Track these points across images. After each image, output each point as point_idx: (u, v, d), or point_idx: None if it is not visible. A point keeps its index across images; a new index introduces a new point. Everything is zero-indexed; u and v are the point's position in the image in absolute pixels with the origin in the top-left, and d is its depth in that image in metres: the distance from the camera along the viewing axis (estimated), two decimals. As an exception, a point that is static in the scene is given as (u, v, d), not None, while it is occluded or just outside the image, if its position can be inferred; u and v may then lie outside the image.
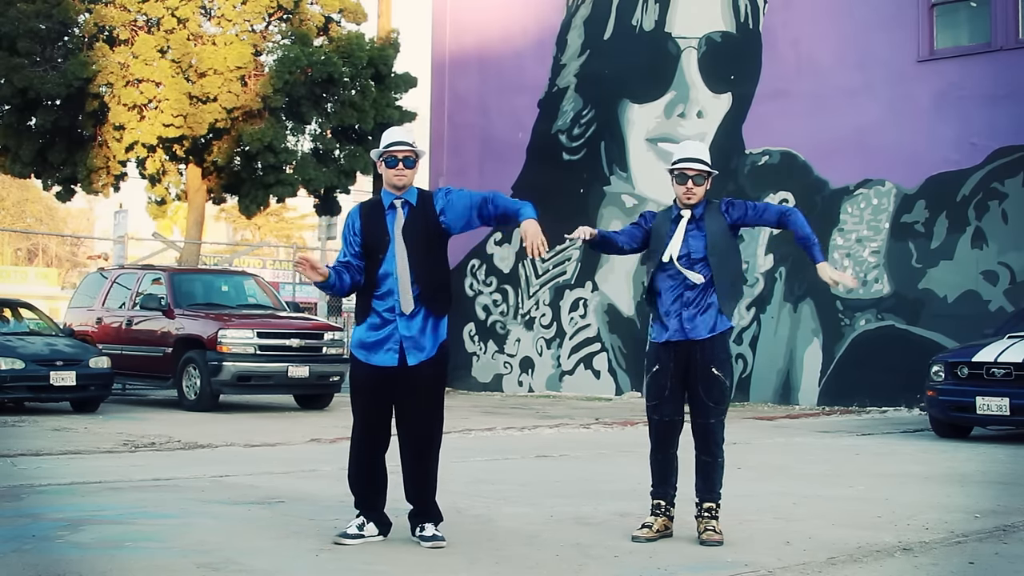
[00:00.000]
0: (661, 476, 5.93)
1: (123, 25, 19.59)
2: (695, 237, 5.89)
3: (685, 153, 5.99)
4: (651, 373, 5.92)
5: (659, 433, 5.90)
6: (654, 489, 5.94)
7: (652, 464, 5.97)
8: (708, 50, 17.91)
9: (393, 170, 5.68)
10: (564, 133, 19.51)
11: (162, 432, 11.49)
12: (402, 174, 5.68)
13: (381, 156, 5.72)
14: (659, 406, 5.88)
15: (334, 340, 15.39)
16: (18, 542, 5.52)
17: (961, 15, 16.21)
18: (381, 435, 5.70)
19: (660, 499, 5.91)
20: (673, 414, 5.88)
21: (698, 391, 5.84)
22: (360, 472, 5.69)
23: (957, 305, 15.25)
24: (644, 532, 5.82)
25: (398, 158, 5.67)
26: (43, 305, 22.82)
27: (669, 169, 6.01)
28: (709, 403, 5.83)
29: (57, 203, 28.70)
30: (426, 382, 5.64)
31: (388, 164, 5.69)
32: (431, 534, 5.61)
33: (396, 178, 5.69)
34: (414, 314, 5.61)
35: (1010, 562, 5.47)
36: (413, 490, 5.69)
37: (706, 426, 5.85)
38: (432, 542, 5.57)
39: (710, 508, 5.83)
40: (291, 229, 60.34)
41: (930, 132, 15.77)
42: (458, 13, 21.21)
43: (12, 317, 15.68)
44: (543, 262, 19.43)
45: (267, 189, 20.80)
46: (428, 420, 5.68)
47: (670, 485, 5.92)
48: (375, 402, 5.67)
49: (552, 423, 13.40)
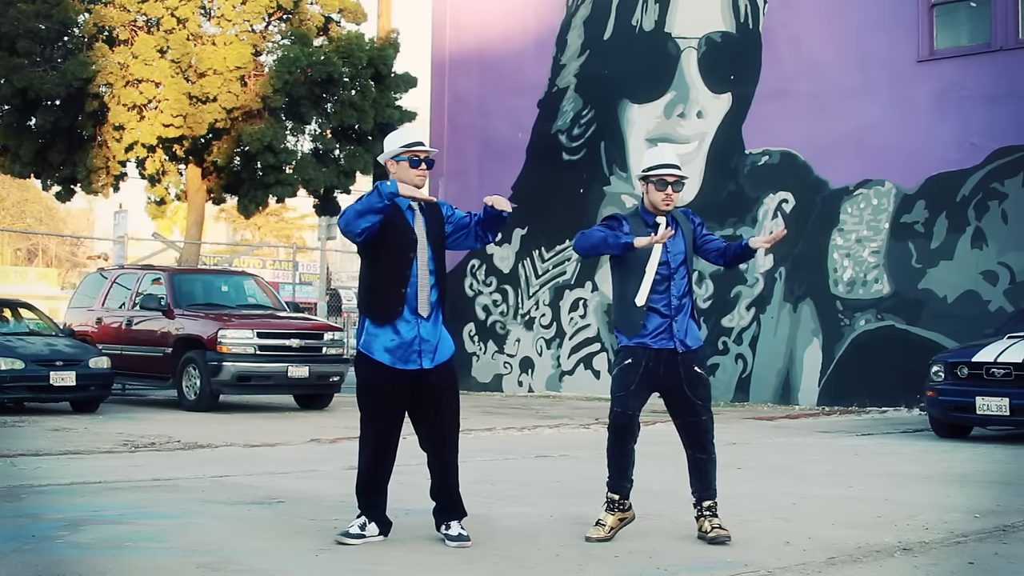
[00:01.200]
0: (619, 469, 5.88)
1: (123, 25, 19.59)
2: (672, 242, 5.90)
3: (663, 159, 5.94)
4: (622, 366, 5.87)
5: (620, 426, 5.86)
6: (612, 482, 5.88)
7: (610, 458, 5.90)
8: (708, 50, 17.90)
9: (417, 170, 5.64)
10: (564, 133, 19.51)
11: (162, 432, 11.49)
12: (424, 174, 5.66)
13: (399, 155, 5.66)
14: (624, 398, 5.84)
15: (334, 340, 15.38)
16: (18, 542, 5.52)
17: (961, 15, 16.21)
18: (395, 438, 5.69)
19: (616, 493, 5.87)
20: (636, 409, 5.86)
21: (684, 391, 5.84)
22: (372, 475, 5.64)
23: (957, 305, 15.25)
24: (598, 531, 5.78)
25: (421, 158, 5.65)
26: (43, 305, 22.80)
27: (644, 176, 5.93)
28: (698, 401, 5.86)
29: (57, 203, 28.69)
30: (445, 381, 5.67)
31: (412, 164, 5.63)
32: (457, 533, 5.61)
33: (419, 178, 5.65)
34: (431, 316, 5.63)
35: (1010, 562, 5.47)
36: (440, 486, 5.68)
37: (698, 424, 5.86)
38: (458, 542, 5.57)
39: (711, 506, 5.83)
40: (291, 229, 60.36)
41: (930, 132, 15.77)
42: (458, 13, 21.21)
43: (12, 317, 15.68)
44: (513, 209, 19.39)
45: (267, 189, 20.80)
46: (450, 418, 5.70)
47: (627, 479, 5.89)
48: (394, 406, 5.62)
49: (552, 423, 13.40)
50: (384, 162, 5.75)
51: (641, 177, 5.98)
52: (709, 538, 5.72)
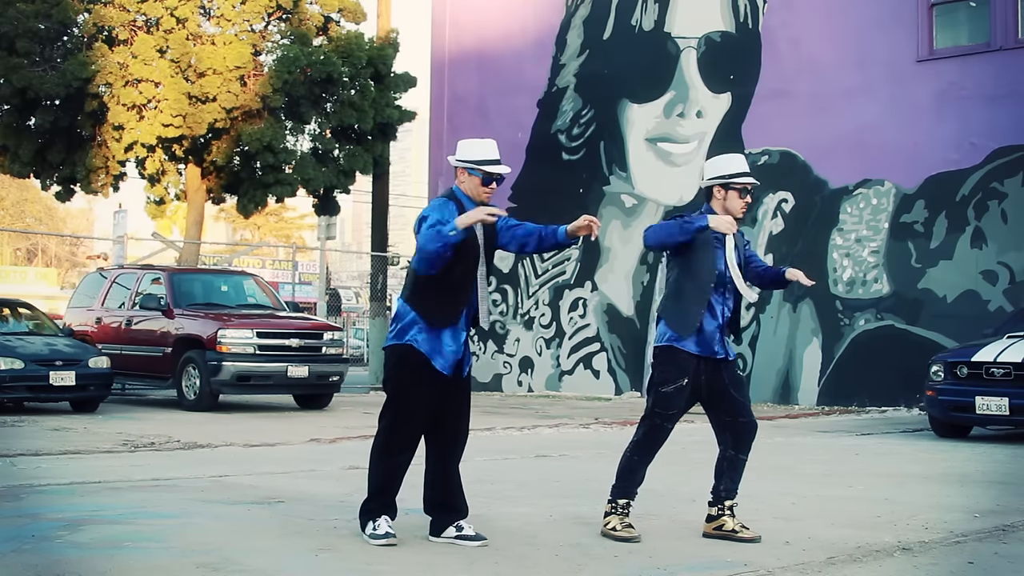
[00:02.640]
0: (638, 478, 5.89)
1: (122, 25, 19.59)
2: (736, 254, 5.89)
3: (741, 167, 5.89)
4: (674, 386, 5.77)
5: (659, 440, 5.88)
6: (627, 488, 5.87)
7: (635, 466, 5.89)
8: (707, 50, 17.91)
9: (487, 188, 5.66)
10: (563, 133, 19.51)
11: (162, 432, 11.49)
12: (492, 193, 5.70)
13: (472, 169, 5.65)
14: (675, 416, 5.84)
15: (334, 340, 15.39)
16: (18, 542, 5.52)
17: (960, 15, 16.22)
18: (418, 439, 5.72)
19: (628, 498, 5.88)
20: (675, 424, 5.90)
21: (732, 395, 5.83)
22: (398, 471, 5.66)
23: (956, 305, 15.26)
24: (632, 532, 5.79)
25: (493, 178, 5.68)
26: (43, 305, 22.79)
27: (726, 183, 5.84)
28: (746, 402, 5.90)
29: (56, 203, 28.72)
30: (467, 389, 5.78)
31: (485, 182, 5.65)
32: (475, 532, 5.66)
33: (486, 195, 5.68)
34: (468, 325, 5.71)
35: (1010, 562, 5.47)
36: (450, 490, 5.73)
37: (750, 424, 5.88)
38: (478, 541, 5.60)
39: (733, 506, 5.89)
40: (290, 229, 60.40)
41: (930, 132, 15.78)
42: (457, 13, 21.21)
43: (12, 317, 15.67)
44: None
45: (266, 189, 20.80)
46: (467, 425, 5.82)
47: (638, 484, 5.92)
48: (431, 406, 5.63)
49: (552, 423, 13.40)
50: (455, 165, 5.74)
51: (722, 184, 5.86)
52: (738, 538, 5.74)
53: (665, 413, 5.81)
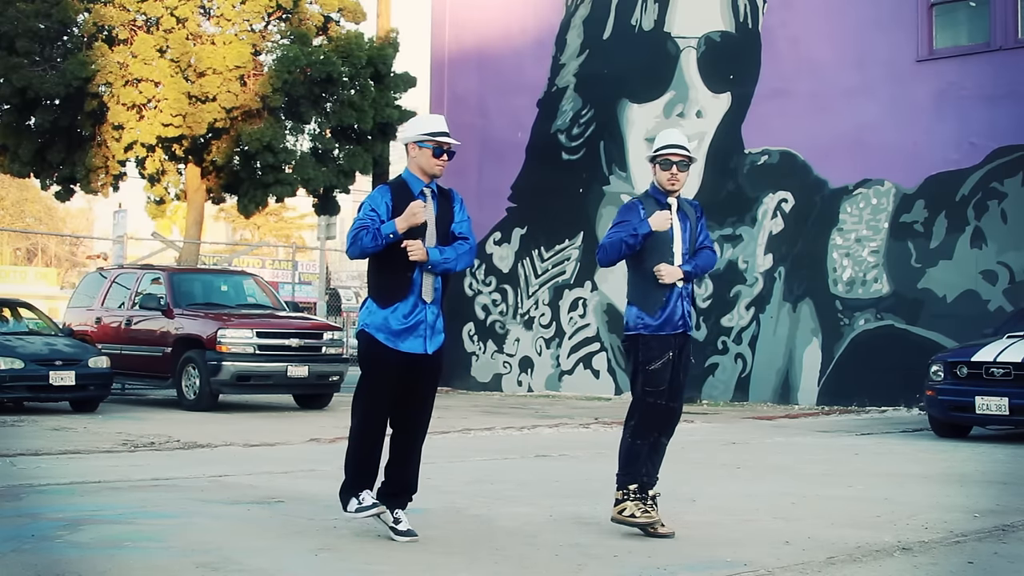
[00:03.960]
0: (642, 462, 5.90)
1: (122, 25, 19.59)
2: (683, 228, 6.02)
3: (669, 140, 6.06)
4: (661, 361, 5.87)
5: (659, 418, 5.93)
6: (635, 473, 5.87)
7: (639, 449, 5.91)
8: (707, 50, 17.91)
9: (437, 159, 5.67)
10: (563, 133, 19.51)
11: (161, 432, 11.49)
12: (444, 164, 5.70)
13: (423, 142, 5.66)
14: (664, 391, 5.91)
15: (333, 340, 15.38)
16: (17, 542, 5.52)
17: (960, 15, 16.21)
18: (387, 417, 5.74)
19: (638, 483, 5.88)
20: (671, 400, 5.94)
21: (679, 377, 5.97)
22: (373, 455, 5.68)
23: (956, 305, 15.25)
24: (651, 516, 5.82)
25: (444, 148, 5.68)
26: (42, 305, 22.82)
27: (652, 157, 6.06)
28: (683, 387, 6.03)
29: (56, 203, 28.71)
30: (436, 368, 5.76)
31: (435, 153, 5.65)
32: (406, 528, 5.66)
33: (437, 167, 5.69)
34: (434, 301, 5.69)
35: (1009, 562, 5.48)
36: (406, 472, 5.75)
37: (679, 410, 6.04)
38: (408, 537, 5.62)
39: (655, 496, 5.92)
40: (290, 229, 60.35)
41: (929, 132, 15.77)
42: (457, 12, 21.21)
43: (11, 317, 15.67)
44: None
45: (266, 189, 20.80)
46: (430, 405, 5.83)
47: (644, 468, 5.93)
48: (396, 386, 5.65)
49: (552, 423, 13.40)
50: (405, 144, 5.76)
51: (649, 158, 6.09)
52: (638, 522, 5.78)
53: (656, 390, 5.90)
